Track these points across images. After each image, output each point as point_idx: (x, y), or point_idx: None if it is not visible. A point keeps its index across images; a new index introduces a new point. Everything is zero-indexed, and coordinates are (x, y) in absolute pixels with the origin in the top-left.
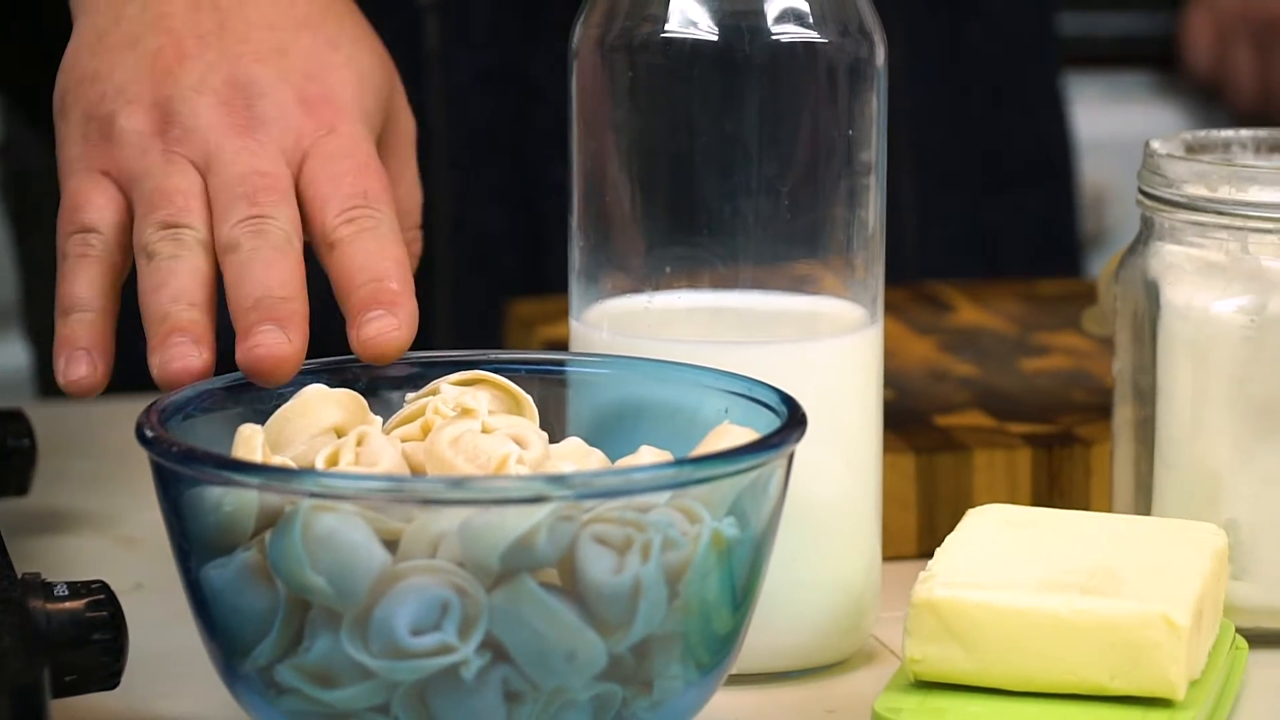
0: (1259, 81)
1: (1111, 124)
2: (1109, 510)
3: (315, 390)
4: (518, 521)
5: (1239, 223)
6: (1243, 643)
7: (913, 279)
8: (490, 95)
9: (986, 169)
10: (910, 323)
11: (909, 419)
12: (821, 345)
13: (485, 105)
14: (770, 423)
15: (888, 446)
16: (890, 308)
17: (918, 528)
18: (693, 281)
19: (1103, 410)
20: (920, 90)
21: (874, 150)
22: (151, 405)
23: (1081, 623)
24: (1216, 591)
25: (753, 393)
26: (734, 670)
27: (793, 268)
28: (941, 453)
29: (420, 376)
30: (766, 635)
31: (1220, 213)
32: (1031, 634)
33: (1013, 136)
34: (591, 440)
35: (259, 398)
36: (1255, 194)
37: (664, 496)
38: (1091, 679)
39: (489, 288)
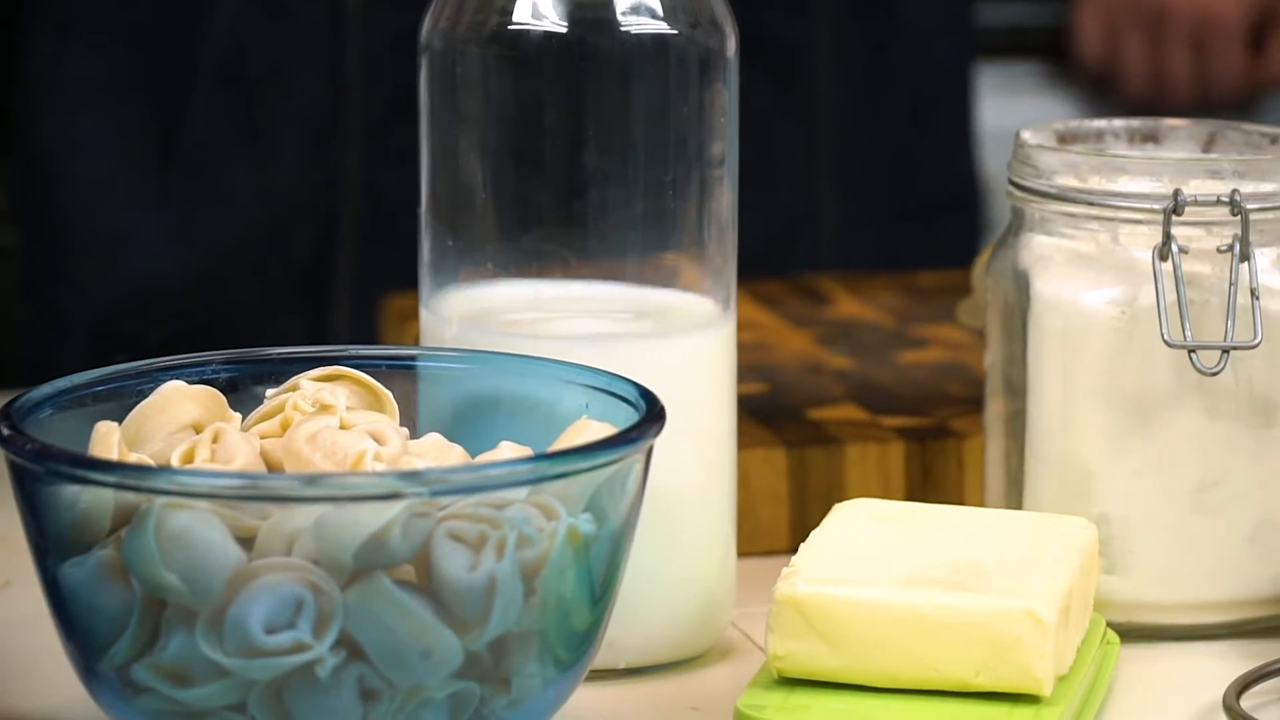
0: (1150, 71)
1: (1002, 115)
2: (982, 504)
3: (174, 387)
4: (371, 518)
5: (1109, 214)
6: (1114, 637)
7: None
8: (408, 57)
9: (902, 192)
10: (787, 315)
11: (782, 413)
12: (674, 339)
13: (403, 67)
14: (629, 418)
15: (759, 441)
16: (768, 300)
17: (789, 522)
18: (543, 274)
19: (978, 403)
20: (844, 103)
21: (725, 143)
22: (9, 403)
23: (945, 619)
24: (1086, 586)
25: (612, 387)
26: (594, 666)
27: (644, 261)
28: (813, 447)
29: (280, 372)
30: (622, 630)
31: (1090, 203)
32: (895, 630)
33: (926, 166)
34: (452, 436)
35: (119, 394)
36: (1125, 184)
37: (521, 493)
38: (956, 675)
39: (396, 251)
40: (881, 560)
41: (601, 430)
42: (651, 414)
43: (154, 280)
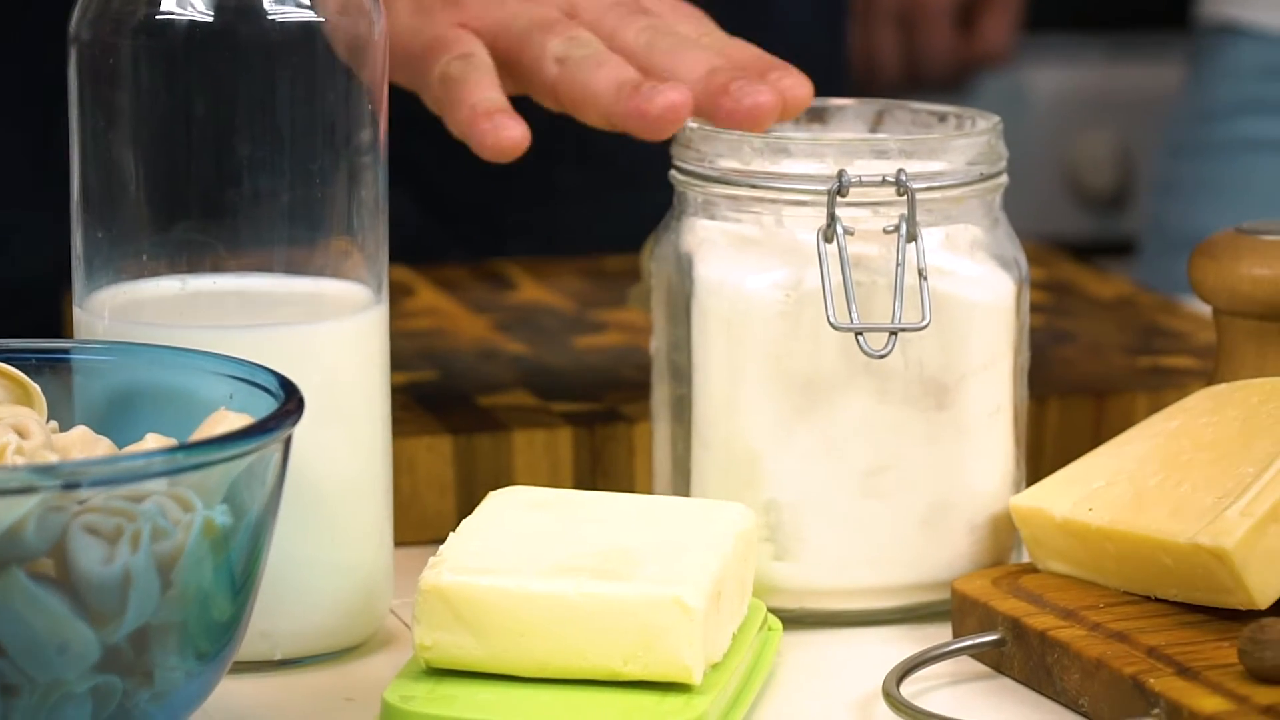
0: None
1: None
2: (652, 490)
3: None
4: (6, 513)
5: (773, 195)
6: (776, 624)
7: None
8: None
9: None
10: (468, 301)
11: (451, 400)
12: (322, 327)
13: None
14: (271, 407)
15: (425, 428)
16: (450, 286)
17: (457, 510)
18: (194, 265)
19: (650, 388)
20: None
21: (372, 129)
22: None
23: (591, 606)
24: (741, 572)
25: (254, 377)
26: (248, 658)
27: (294, 249)
28: (479, 433)
29: None
30: (277, 620)
31: (754, 186)
32: (541, 619)
33: None
34: (105, 428)
35: None
36: (788, 166)
37: (159, 484)
38: (604, 664)
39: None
40: (531, 549)
41: (238, 421)
42: (288, 404)
43: None
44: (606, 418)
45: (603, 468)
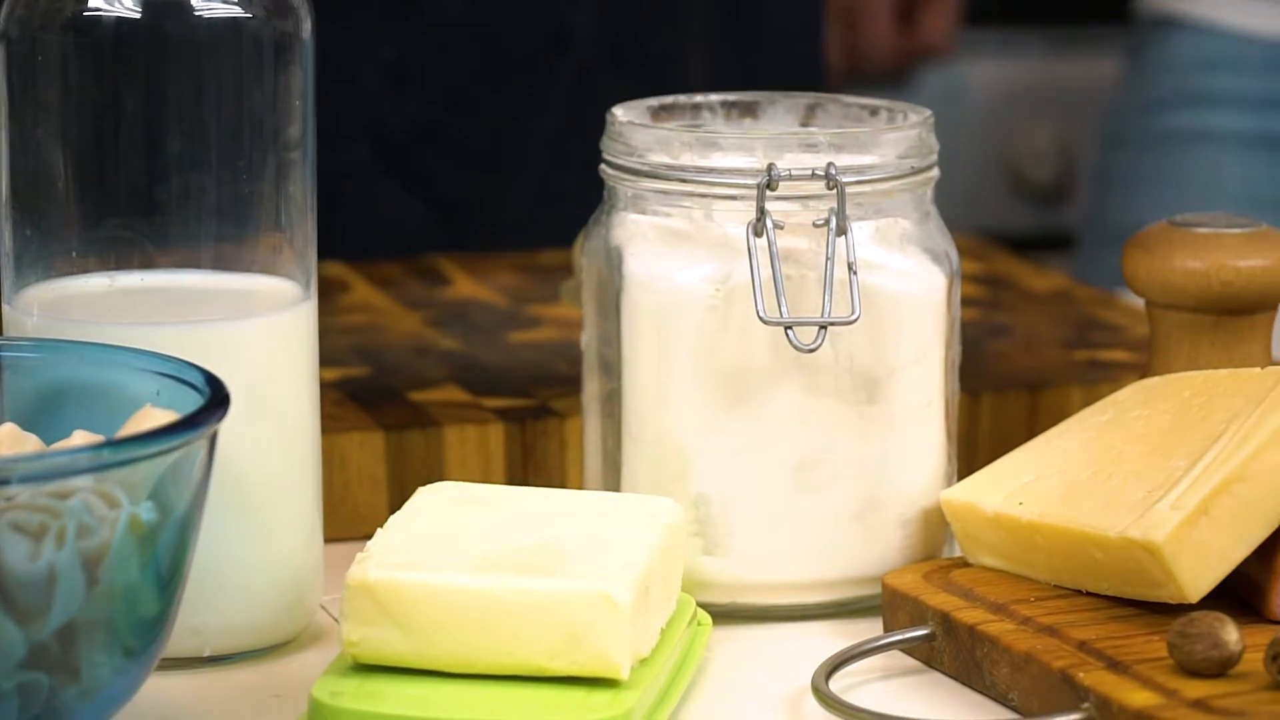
0: (844, 51)
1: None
2: (583, 486)
3: None
4: None
5: (703, 190)
6: (705, 618)
7: None
8: None
9: None
10: (402, 297)
11: (382, 395)
12: (250, 323)
13: None
14: (197, 404)
15: (357, 424)
16: (385, 282)
17: (389, 506)
18: (122, 262)
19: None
20: None
21: (301, 125)
22: None
23: (517, 602)
24: (669, 567)
25: (181, 374)
26: (177, 654)
27: (223, 246)
28: (411, 429)
29: None
30: (205, 617)
31: (684, 180)
32: (467, 614)
33: None
34: (29, 425)
35: None
36: (718, 160)
37: (85, 481)
38: (531, 659)
39: None
40: (459, 544)
41: (164, 417)
42: (214, 400)
43: None
44: (538, 413)
45: (534, 463)
